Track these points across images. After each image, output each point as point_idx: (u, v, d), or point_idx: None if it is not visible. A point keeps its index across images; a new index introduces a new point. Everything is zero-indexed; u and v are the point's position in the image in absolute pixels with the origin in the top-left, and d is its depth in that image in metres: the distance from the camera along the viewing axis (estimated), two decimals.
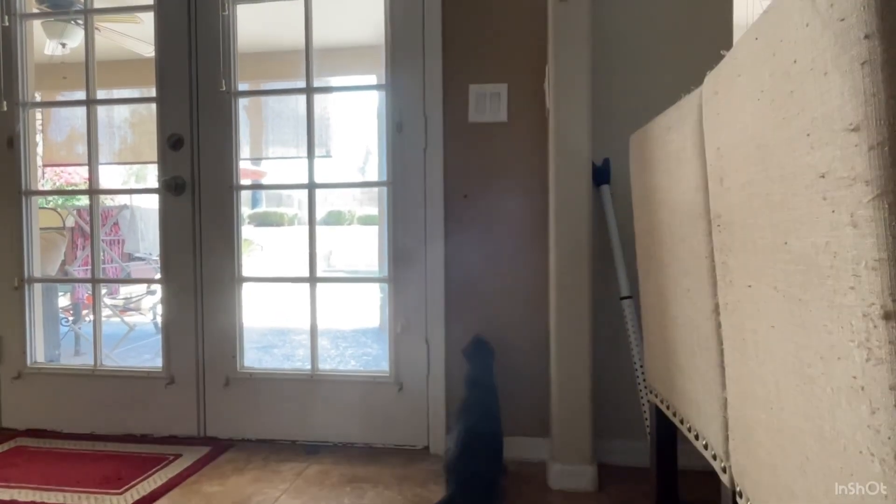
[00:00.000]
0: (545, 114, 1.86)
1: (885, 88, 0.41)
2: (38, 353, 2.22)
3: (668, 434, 1.40)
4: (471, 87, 1.92)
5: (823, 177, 0.50)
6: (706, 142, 0.89)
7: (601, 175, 1.84)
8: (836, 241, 0.49)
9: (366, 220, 12.18)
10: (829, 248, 0.50)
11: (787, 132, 0.57)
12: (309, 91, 2.04)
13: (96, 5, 2.23)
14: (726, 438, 0.93)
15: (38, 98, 3.09)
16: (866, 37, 0.41)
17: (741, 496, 0.85)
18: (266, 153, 5.83)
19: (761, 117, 0.64)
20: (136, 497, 1.61)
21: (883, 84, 0.41)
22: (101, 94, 2.18)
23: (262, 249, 9.35)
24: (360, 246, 9.28)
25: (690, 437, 1.13)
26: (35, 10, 3.06)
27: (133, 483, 1.70)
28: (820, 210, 0.51)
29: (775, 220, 0.63)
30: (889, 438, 0.44)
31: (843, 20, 0.44)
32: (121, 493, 1.64)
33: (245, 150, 5.67)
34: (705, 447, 1.04)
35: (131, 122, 5.38)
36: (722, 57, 0.80)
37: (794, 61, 0.53)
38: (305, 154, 2.05)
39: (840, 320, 0.49)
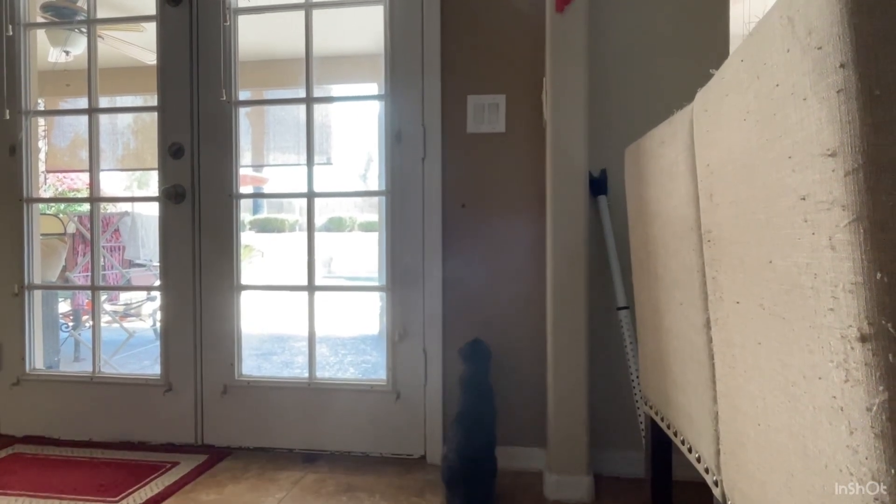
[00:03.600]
0: (543, 125, 1.87)
1: (859, 117, 0.42)
2: (37, 359, 2.23)
3: (663, 445, 1.40)
4: (469, 97, 1.94)
5: (804, 199, 0.51)
6: (697, 158, 0.90)
7: (598, 186, 1.85)
8: (817, 262, 0.50)
9: (367, 227, 12.20)
10: (811, 269, 0.51)
11: (771, 154, 0.58)
12: (309, 101, 2.06)
13: (99, 14, 2.25)
14: (717, 452, 0.93)
15: (41, 104, 3.11)
16: (841, 66, 0.42)
17: None
18: (268, 159, 5.86)
19: (747, 137, 0.65)
20: None
21: (858, 113, 0.42)
22: (104, 101, 2.20)
23: (263, 255, 9.36)
24: (361, 252, 9.31)
25: (683, 449, 1.13)
26: (39, 20, 3.09)
27: (129, 491, 1.70)
28: (801, 231, 0.52)
29: (761, 238, 0.64)
30: (867, 459, 0.44)
31: (820, 48, 0.45)
32: (117, 502, 1.64)
33: (247, 157, 5.69)
34: (698, 460, 1.04)
35: (134, 128, 5.41)
36: (712, 75, 0.81)
37: (777, 85, 0.54)
38: (306, 162, 2.07)
39: (820, 340, 0.50)
